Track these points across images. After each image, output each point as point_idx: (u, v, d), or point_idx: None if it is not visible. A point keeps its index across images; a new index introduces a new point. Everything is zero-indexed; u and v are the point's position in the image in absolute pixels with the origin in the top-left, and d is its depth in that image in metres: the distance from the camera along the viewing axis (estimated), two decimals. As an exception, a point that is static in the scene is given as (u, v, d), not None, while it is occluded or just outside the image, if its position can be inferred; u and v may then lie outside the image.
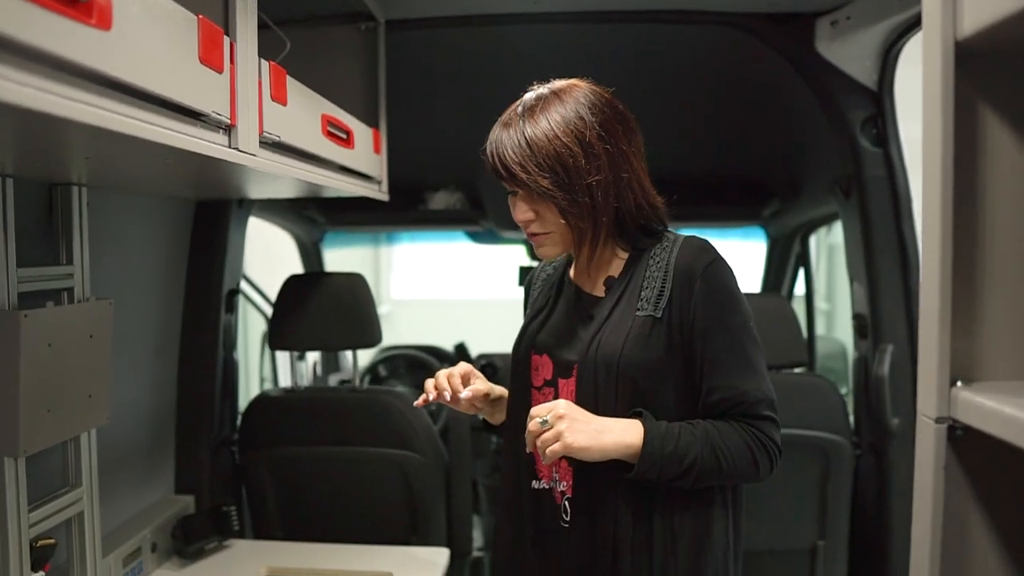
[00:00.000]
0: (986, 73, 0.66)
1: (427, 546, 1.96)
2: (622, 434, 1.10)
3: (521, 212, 1.18)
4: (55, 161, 1.16)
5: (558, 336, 1.25)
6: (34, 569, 1.30)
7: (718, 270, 1.16)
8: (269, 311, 3.02)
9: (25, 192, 1.30)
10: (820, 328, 4.89)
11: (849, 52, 1.79)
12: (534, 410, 1.12)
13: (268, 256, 3.78)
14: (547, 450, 1.08)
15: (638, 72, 2.12)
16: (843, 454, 1.95)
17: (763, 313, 2.03)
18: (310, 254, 3.32)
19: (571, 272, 1.30)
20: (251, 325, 3.73)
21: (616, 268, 1.23)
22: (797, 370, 2.13)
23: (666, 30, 1.98)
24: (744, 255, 3.50)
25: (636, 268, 1.20)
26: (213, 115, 0.96)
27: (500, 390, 1.34)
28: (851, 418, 2.11)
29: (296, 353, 2.59)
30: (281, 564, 1.83)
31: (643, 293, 1.17)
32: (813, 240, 4.09)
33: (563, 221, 1.15)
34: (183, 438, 2.03)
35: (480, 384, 1.28)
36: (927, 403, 0.69)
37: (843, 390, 2.23)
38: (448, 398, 1.23)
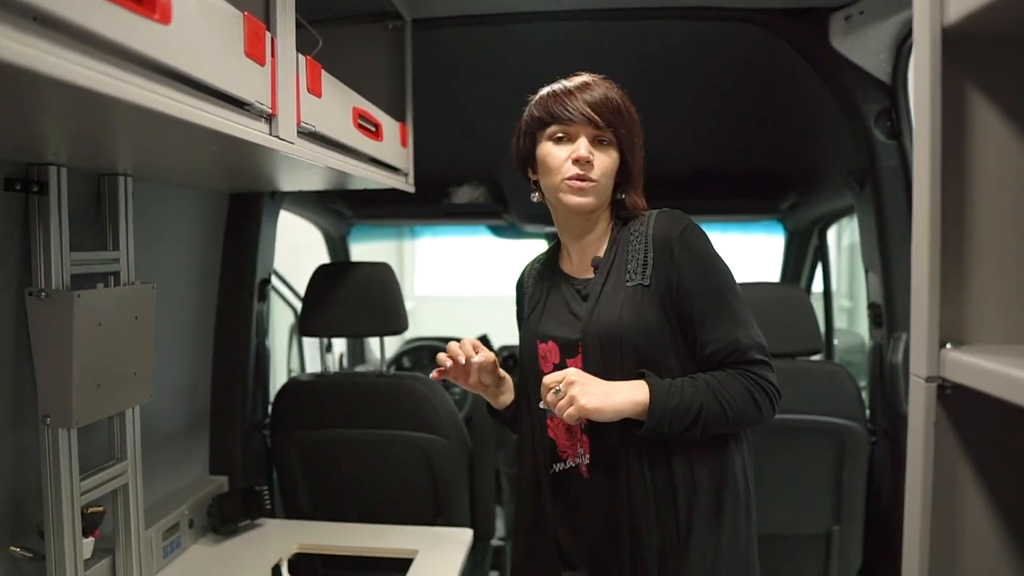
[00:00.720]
0: (972, 57, 0.72)
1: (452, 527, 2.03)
2: (630, 393, 1.17)
3: (585, 150, 1.23)
4: (108, 149, 1.24)
5: (558, 321, 1.32)
6: (85, 534, 1.39)
7: (692, 235, 1.25)
8: (297, 304, 3.11)
9: (76, 182, 1.39)
10: (842, 323, 4.89)
11: (863, 46, 1.82)
12: (546, 379, 1.19)
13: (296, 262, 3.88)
14: (564, 415, 1.15)
15: (656, 69, 2.17)
16: (858, 440, 1.98)
17: (778, 302, 2.08)
18: (337, 248, 3.41)
19: (562, 265, 1.39)
20: (278, 320, 3.82)
21: (600, 249, 1.32)
22: (814, 358, 2.16)
23: (684, 27, 2.03)
24: (763, 249, 3.53)
25: (618, 246, 1.29)
26: (256, 104, 1.03)
27: (505, 373, 1.44)
28: (867, 405, 2.15)
29: (324, 344, 2.68)
30: (311, 541, 1.91)
31: (629, 266, 1.26)
32: (833, 240, 4.12)
33: (613, 168, 1.26)
34: (217, 421, 2.11)
35: (489, 354, 1.35)
36: (918, 364, 0.75)
37: (862, 383, 2.26)
38: (462, 361, 1.31)
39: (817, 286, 3.08)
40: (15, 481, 1.36)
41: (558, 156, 1.25)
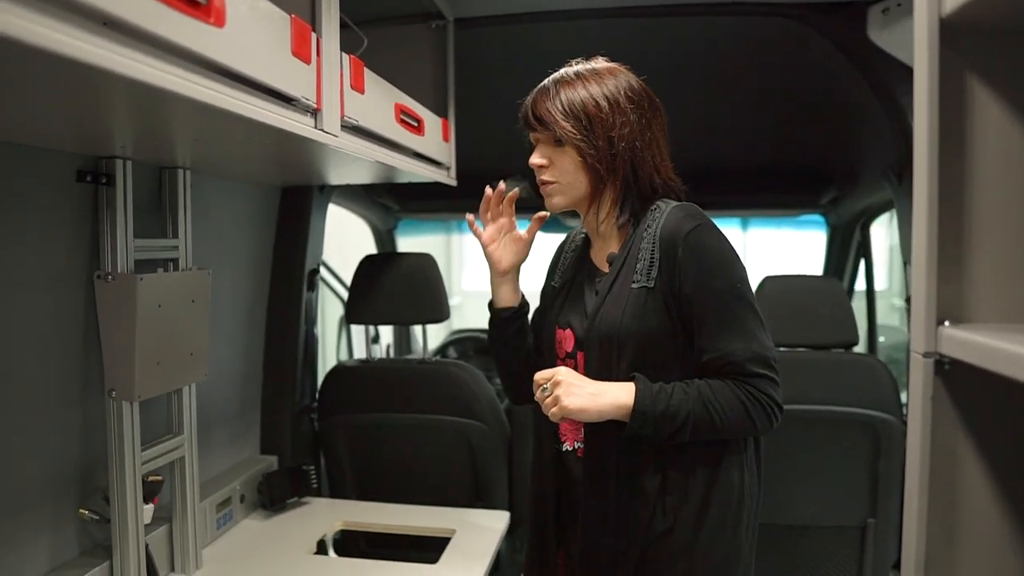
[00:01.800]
0: (969, 47, 0.75)
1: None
2: (615, 395, 1.19)
3: (537, 157, 1.29)
4: (168, 143, 1.33)
5: (577, 312, 1.34)
6: (145, 501, 1.49)
7: (700, 235, 1.20)
8: (346, 295, 3.21)
9: (140, 174, 1.50)
10: (894, 321, 4.82)
11: (901, 39, 1.82)
12: (537, 376, 1.23)
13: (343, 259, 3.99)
14: (548, 413, 1.19)
15: (696, 65, 2.20)
16: (894, 433, 1.99)
17: (814, 294, 2.09)
18: (385, 242, 3.51)
19: (591, 250, 1.39)
20: (328, 312, 3.94)
21: (616, 244, 1.31)
22: (855, 350, 2.17)
23: (722, 23, 2.06)
24: (807, 245, 3.51)
25: (633, 241, 1.26)
26: (303, 100, 1.11)
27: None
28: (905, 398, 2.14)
29: (371, 335, 2.77)
30: (355, 519, 2.00)
31: (637, 265, 1.23)
32: (883, 239, 4.05)
33: (580, 164, 1.24)
34: (268, 403, 2.22)
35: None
36: (917, 341, 0.78)
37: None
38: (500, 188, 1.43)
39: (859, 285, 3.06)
40: (84, 450, 1.47)
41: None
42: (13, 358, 1.30)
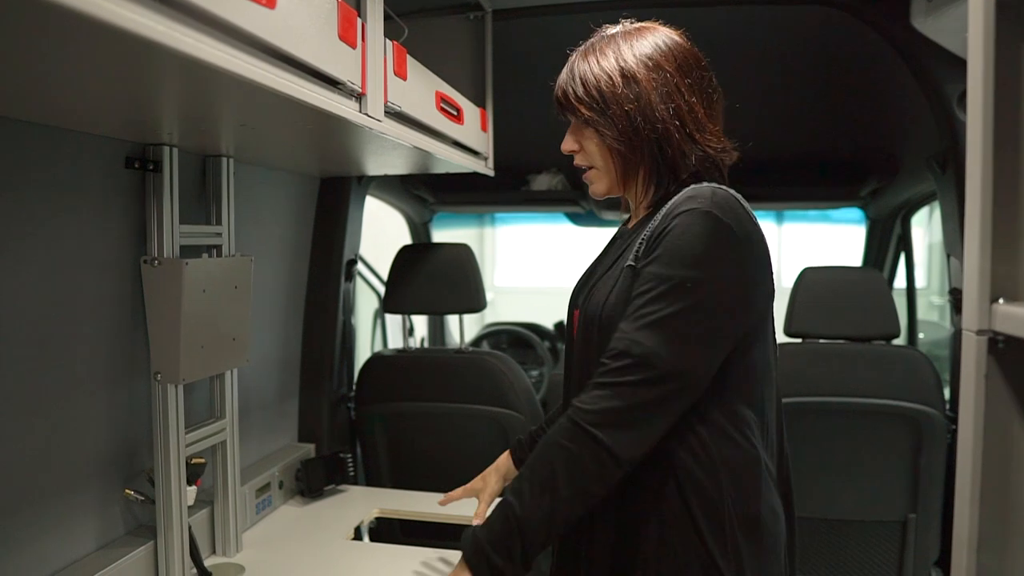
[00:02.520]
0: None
1: None
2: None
3: (565, 143, 1.21)
4: (214, 130, 1.36)
5: (585, 291, 1.21)
6: (189, 482, 1.52)
7: (686, 218, 1.02)
8: (382, 289, 3.24)
9: (185, 162, 1.53)
10: (933, 318, 4.74)
11: (944, 25, 1.79)
12: None
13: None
14: None
15: (733, 54, 2.17)
16: (936, 426, 1.95)
17: (854, 285, 2.06)
18: (420, 234, 3.53)
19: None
20: (362, 307, 3.97)
21: (636, 221, 1.20)
22: (895, 343, 2.14)
23: (762, 11, 2.04)
24: (844, 240, 3.46)
25: (651, 219, 1.11)
26: (348, 84, 1.12)
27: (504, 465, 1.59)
28: (947, 393, 2.11)
29: (407, 328, 2.79)
30: (390, 507, 2.02)
31: (638, 244, 1.09)
32: (923, 237, 3.98)
33: (601, 147, 1.15)
34: (306, 392, 2.25)
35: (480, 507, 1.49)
36: (970, 318, 0.77)
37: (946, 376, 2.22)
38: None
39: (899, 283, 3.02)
40: (130, 432, 1.50)
41: None
42: (65, 340, 1.33)
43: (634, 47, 1.13)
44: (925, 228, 3.81)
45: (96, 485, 1.44)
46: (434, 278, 2.22)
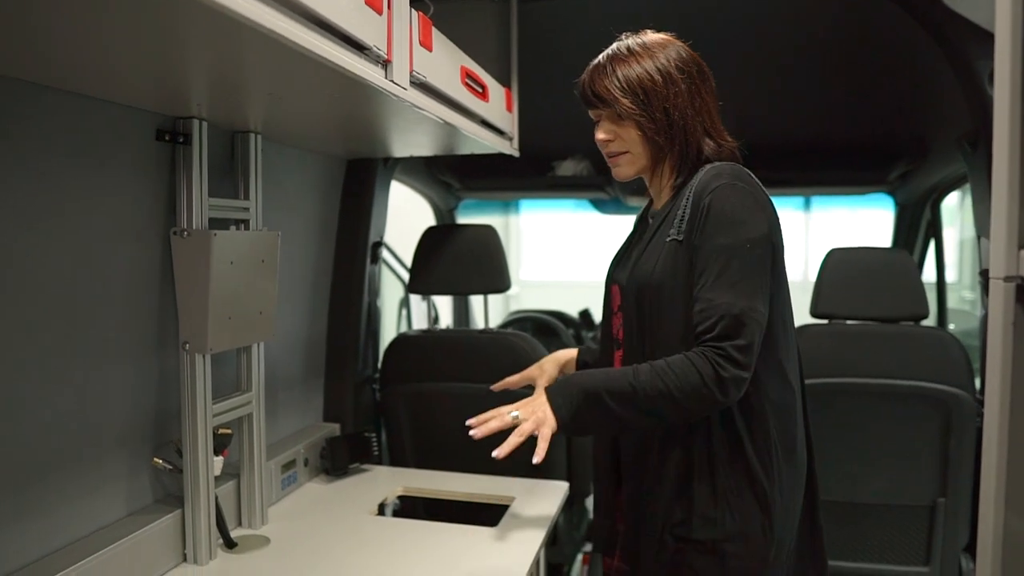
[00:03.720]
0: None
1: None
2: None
3: (602, 132, 1.35)
4: (242, 101, 1.37)
5: (624, 267, 1.40)
6: (216, 452, 1.54)
7: (724, 192, 1.22)
8: (406, 276, 3.25)
9: (214, 139, 1.55)
10: (966, 310, 4.66)
11: (975, 0, 1.76)
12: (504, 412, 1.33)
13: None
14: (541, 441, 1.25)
15: (758, 36, 2.15)
16: (966, 409, 1.92)
17: (883, 266, 2.04)
18: (445, 221, 3.54)
19: (649, 211, 1.44)
20: (386, 295, 3.99)
21: (662, 203, 1.36)
22: (923, 324, 2.10)
23: None
24: (875, 224, 3.40)
25: (676, 199, 1.31)
26: (374, 49, 1.13)
27: (566, 356, 1.72)
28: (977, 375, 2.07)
29: (432, 316, 2.80)
30: (415, 485, 2.03)
31: (674, 221, 1.27)
32: (954, 235, 3.91)
33: (641, 137, 1.31)
34: (331, 372, 2.26)
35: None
36: (997, 266, 0.76)
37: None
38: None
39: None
40: (159, 401, 1.52)
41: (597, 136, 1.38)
42: (95, 309, 1.36)
43: (666, 53, 1.31)
44: (956, 225, 3.74)
45: (125, 453, 1.47)
46: (459, 258, 2.23)
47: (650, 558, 1.30)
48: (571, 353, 1.71)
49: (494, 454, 1.22)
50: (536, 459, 1.18)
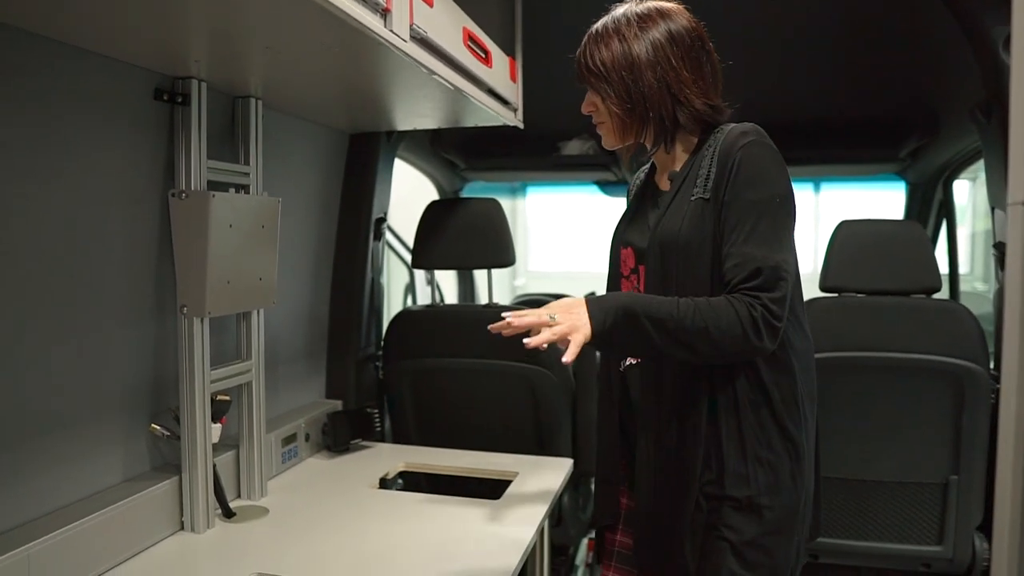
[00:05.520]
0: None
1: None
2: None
3: (584, 105, 1.38)
4: (240, 58, 1.35)
5: (638, 229, 1.39)
6: (214, 419, 1.52)
7: (753, 149, 1.23)
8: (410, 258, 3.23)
9: (214, 103, 1.53)
10: (977, 299, 4.60)
11: (990, -37, 1.72)
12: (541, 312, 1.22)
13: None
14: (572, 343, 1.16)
15: (761, 8, 2.11)
16: (979, 383, 1.88)
17: (893, 237, 2.00)
18: (451, 203, 3.50)
19: (656, 176, 1.44)
20: (392, 280, 3.97)
21: (679, 164, 1.36)
22: (935, 296, 2.06)
23: None
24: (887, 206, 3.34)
25: (695, 160, 1.31)
26: (372, -5, 1.10)
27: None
28: (992, 351, 2.02)
29: (438, 298, 2.77)
30: (417, 462, 2.01)
31: (698, 180, 1.27)
32: (966, 229, 3.83)
33: (617, 111, 1.31)
34: (333, 348, 2.24)
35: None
36: (1016, 191, 0.72)
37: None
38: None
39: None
40: (156, 367, 1.50)
41: None
42: (93, 270, 1.34)
43: (651, 31, 1.30)
44: (966, 223, 3.68)
45: (123, 418, 1.45)
46: (463, 232, 2.20)
47: (681, 521, 1.28)
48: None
49: (525, 341, 1.18)
50: (566, 359, 1.13)
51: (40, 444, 1.26)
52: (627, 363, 1.38)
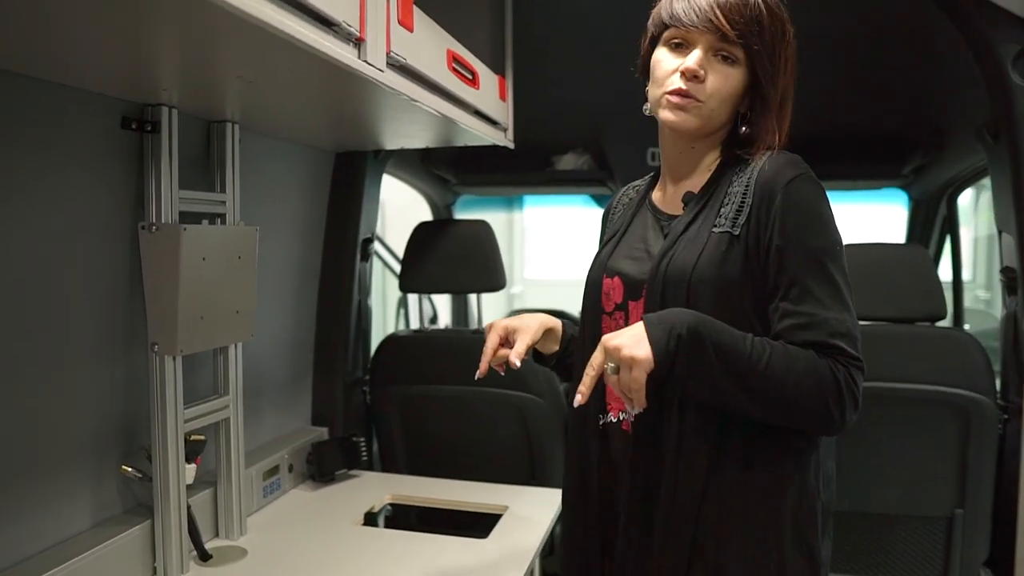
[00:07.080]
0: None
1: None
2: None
3: (695, 62, 1.07)
4: (212, 86, 1.29)
5: (630, 256, 1.18)
6: (188, 460, 1.46)
7: (803, 186, 1.05)
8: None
9: (188, 129, 1.46)
10: (981, 310, 4.55)
11: (1000, -19, 1.66)
12: (590, 370, 1.02)
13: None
14: (630, 382, 0.97)
15: None
16: (986, 415, 1.81)
17: (897, 263, 1.93)
18: (443, 217, 3.44)
19: (653, 194, 1.24)
20: (388, 295, 3.91)
21: (697, 184, 1.16)
22: (939, 324, 1.99)
23: None
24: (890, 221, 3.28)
25: (719, 184, 1.12)
26: (344, 25, 1.03)
27: (552, 321, 1.30)
28: (998, 379, 1.96)
29: (430, 316, 2.70)
30: (405, 493, 1.94)
31: (722, 210, 1.09)
32: (969, 232, 3.77)
33: (739, 93, 1.10)
34: (319, 374, 2.18)
35: (520, 344, 1.23)
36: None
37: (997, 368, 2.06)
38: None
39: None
40: (127, 406, 1.44)
41: (667, 66, 1.10)
42: (57, 309, 1.27)
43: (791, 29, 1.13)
44: (969, 224, 3.62)
45: (91, 461, 1.38)
46: (451, 255, 2.14)
47: None
48: (555, 322, 1.33)
49: (577, 399, 1.03)
50: (636, 409, 0.98)
51: (4, 493, 1.19)
52: (608, 418, 1.13)
